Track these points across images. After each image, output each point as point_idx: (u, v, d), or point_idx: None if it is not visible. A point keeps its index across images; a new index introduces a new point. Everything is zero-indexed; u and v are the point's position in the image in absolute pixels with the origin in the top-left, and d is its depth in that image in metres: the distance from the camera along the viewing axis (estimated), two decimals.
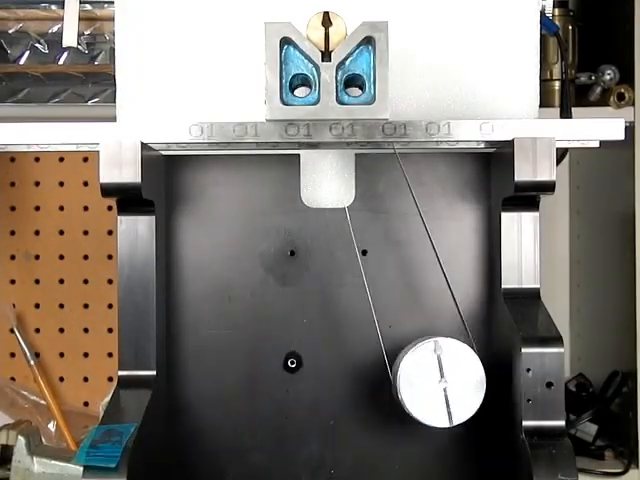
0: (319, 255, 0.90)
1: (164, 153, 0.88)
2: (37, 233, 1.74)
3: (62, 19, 1.36)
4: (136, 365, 0.84)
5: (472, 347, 0.79)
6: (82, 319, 1.74)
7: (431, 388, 0.78)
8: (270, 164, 0.89)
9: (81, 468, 0.74)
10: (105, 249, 1.72)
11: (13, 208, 1.74)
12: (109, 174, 0.79)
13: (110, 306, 1.73)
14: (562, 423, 0.78)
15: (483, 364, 0.79)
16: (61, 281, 1.74)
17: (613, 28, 1.56)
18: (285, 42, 0.80)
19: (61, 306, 1.74)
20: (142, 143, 0.80)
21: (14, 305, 1.73)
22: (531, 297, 0.85)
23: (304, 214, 0.90)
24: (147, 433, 0.79)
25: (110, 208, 1.67)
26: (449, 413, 0.78)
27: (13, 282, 1.74)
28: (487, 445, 0.88)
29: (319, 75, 0.80)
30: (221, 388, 0.90)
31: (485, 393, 0.79)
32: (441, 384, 0.78)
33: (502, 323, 0.86)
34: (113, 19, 0.90)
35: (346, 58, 0.81)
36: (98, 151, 0.80)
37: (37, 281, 1.74)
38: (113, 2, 0.90)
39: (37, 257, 1.74)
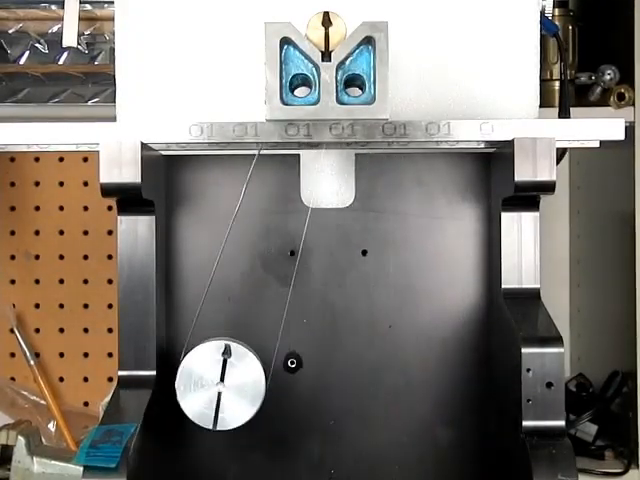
0: (319, 255, 0.90)
1: (164, 153, 0.88)
2: (37, 233, 1.74)
3: (62, 19, 1.36)
4: (136, 365, 0.84)
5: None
6: (82, 319, 1.74)
7: (207, 387, 0.78)
8: (270, 164, 0.89)
9: (81, 468, 0.74)
10: (105, 249, 1.72)
11: (13, 208, 1.74)
12: (109, 174, 0.79)
13: (110, 306, 1.73)
14: (562, 423, 0.78)
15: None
16: (61, 281, 1.74)
17: (613, 28, 1.56)
18: (285, 42, 0.80)
19: (61, 306, 1.74)
20: (142, 143, 0.80)
21: (14, 305, 1.73)
22: (531, 297, 0.85)
23: (304, 214, 0.90)
24: (147, 433, 0.79)
25: (110, 208, 1.67)
26: (216, 417, 0.78)
27: (13, 282, 1.74)
28: (487, 445, 0.88)
29: (319, 75, 0.80)
30: None
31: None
32: (218, 387, 0.78)
33: (502, 323, 0.86)
34: (113, 19, 0.90)
35: (346, 58, 0.81)
36: (98, 151, 0.80)
37: (37, 281, 1.74)
38: (113, 2, 0.90)
39: (37, 257, 1.74)
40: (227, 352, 0.78)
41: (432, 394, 0.90)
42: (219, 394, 0.78)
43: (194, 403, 0.78)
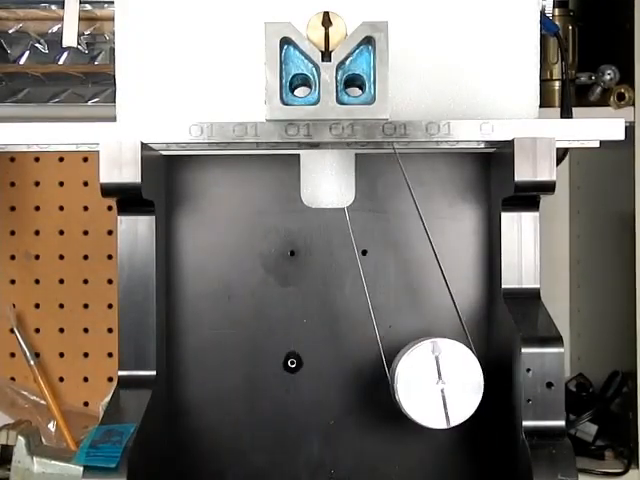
0: (319, 255, 0.90)
1: (164, 153, 0.88)
2: (37, 233, 1.74)
3: (62, 19, 1.36)
4: (136, 365, 0.84)
5: (470, 348, 0.79)
6: (82, 319, 1.74)
7: (429, 389, 0.78)
8: (270, 164, 0.89)
9: (81, 468, 0.74)
10: (105, 249, 1.72)
11: (13, 208, 1.74)
12: (109, 174, 0.79)
13: (110, 306, 1.73)
14: (562, 423, 0.78)
15: (483, 364, 0.79)
16: (61, 281, 1.74)
17: (613, 28, 1.56)
18: (285, 42, 0.80)
19: (61, 306, 1.74)
20: (142, 143, 0.80)
21: (14, 305, 1.73)
22: (531, 297, 0.85)
23: (304, 214, 0.90)
24: (147, 433, 0.79)
25: (110, 208, 1.67)
26: (446, 414, 0.78)
27: (13, 282, 1.74)
28: (487, 445, 0.88)
29: (319, 75, 0.80)
30: (221, 388, 0.90)
31: (485, 393, 0.79)
32: (439, 385, 0.78)
33: (502, 323, 0.86)
34: (113, 19, 0.90)
35: (346, 58, 0.81)
36: (98, 151, 0.80)
37: (37, 281, 1.74)
38: (113, 2, 0.90)
39: (37, 257, 1.74)
40: (436, 349, 0.78)
41: None
42: (442, 391, 0.78)
43: (421, 408, 0.78)
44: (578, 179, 1.79)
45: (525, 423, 0.78)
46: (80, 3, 1.37)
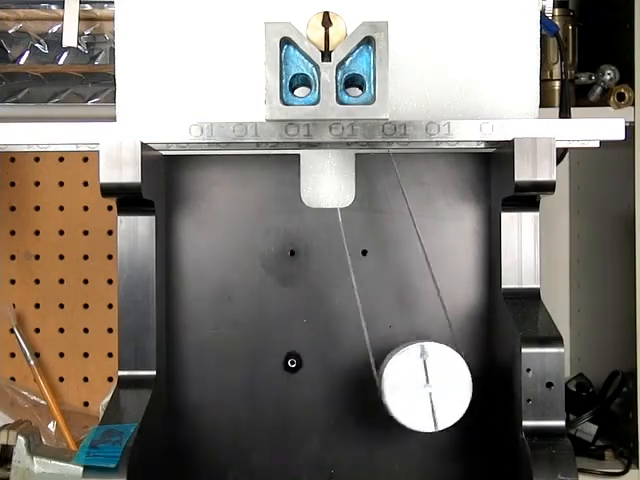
0: (319, 255, 0.90)
1: (164, 153, 0.88)
2: (37, 233, 1.74)
3: (62, 19, 1.36)
4: (136, 365, 0.84)
5: (459, 352, 0.78)
6: (82, 319, 1.74)
7: (416, 393, 0.77)
8: (270, 164, 0.89)
9: (81, 468, 0.74)
10: (105, 249, 1.72)
11: (13, 208, 1.74)
12: (109, 174, 0.79)
13: (110, 306, 1.73)
14: (562, 423, 0.78)
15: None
16: (61, 281, 1.74)
17: (613, 28, 1.56)
18: (285, 42, 0.80)
19: (61, 306, 1.74)
20: (142, 143, 0.80)
21: (14, 305, 1.73)
22: (531, 297, 0.85)
23: (304, 214, 0.90)
24: (147, 433, 0.79)
25: (110, 208, 1.67)
26: (434, 418, 0.77)
27: (13, 282, 1.74)
28: (487, 445, 0.88)
29: (319, 75, 0.80)
30: (221, 388, 0.90)
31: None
32: (426, 389, 0.77)
33: (502, 323, 0.86)
34: (113, 19, 0.90)
35: (346, 58, 0.81)
36: (98, 151, 0.80)
37: (37, 281, 1.74)
38: (113, 2, 0.90)
39: (37, 257, 1.74)
40: (424, 353, 0.77)
41: None
42: (430, 395, 0.77)
43: (409, 412, 0.77)
44: (578, 179, 1.79)
45: (525, 423, 0.78)
46: (80, 3, 1.37)
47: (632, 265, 1.49)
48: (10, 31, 1.45)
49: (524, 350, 0.78)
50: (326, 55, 0.80)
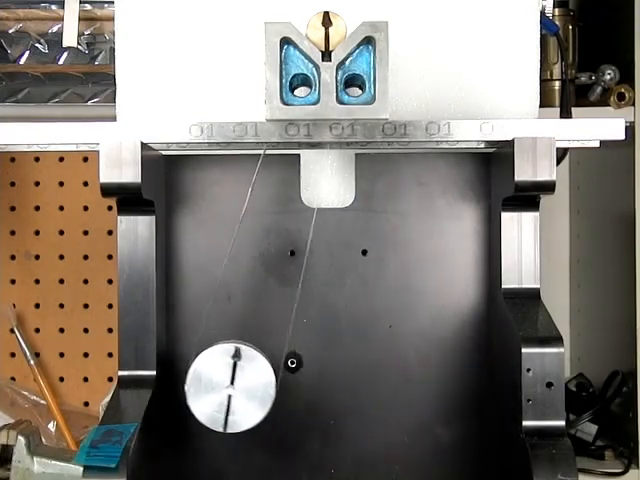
0: (319, 255, 0.90)
1: (164, 153, 0.88)
2: (37, 233, 1.74)
3: (62, 19, 1.36)
4: (136, 365, 0.84)
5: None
6: (82, 319, 1.74)
7: (217, 389, 0.77)
8: (270, 164, 0.89)
9: (81, 468, 0.74)
10: (105, 249, 1.72)
11: (13, 208, 1.74)
12: (109, 174, 0.79)
13: (110, 306, 1.72)
14: (562, 423, 0.78)
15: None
16: (61, 281, 1.74)
17: (613, 28, 1.56)
18: (285, 42, 0.80)
19: (61, 306, 1.74)
20: (142, 143, 0.80)
21: (14, 305, 1.73)
22: (531, 297, 0.85)
23: (304, 214, 0.90)
24: (147, 433, 0.79)
25: (110, 208, 1.67)
26: (226, 419, 0.77)
27: (13, 282, 1.74)
28: (487, 445, 0.88)
29: (319, 75, 0.80)
30: None
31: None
32: (228, 389, 0.77)
33: (502, 323, 0.86)
34: (113, 19, 0.90)
35: (346, 58, 0.81)
36: (98, 151, 0.80)
37: (37, 281, 1.74)
38: (113, 2, 0.90)
39: (37, 257, 1.74)
40: (237, 355, 0.77)
41: (432, 394, 0.90)
42: (229, 397, 0.77)
43: (205, 406, 0.77)
44: (578, 179, 1.79)
45: (525, 423, 0.78)
46: (80, 3, 1.37)
47: (632, 265, 1.49)
48: (10, 31, 1.45)
49: (524, 350, 0.78)
50: (326, 55, 0.80)
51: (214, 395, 0.77)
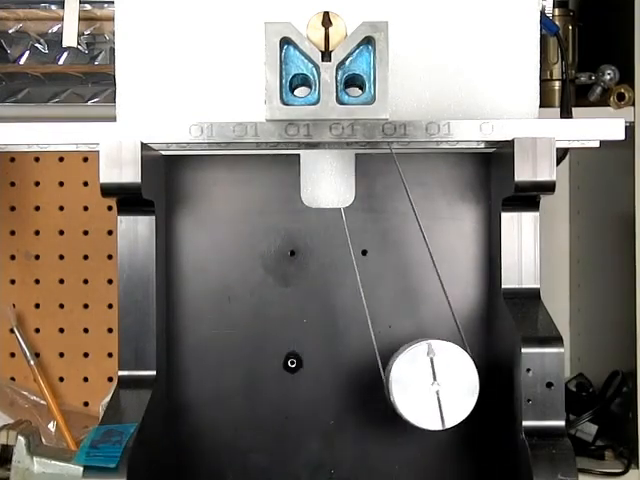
0: (319, 255, 0.90)
1: (164, 153, 0.88)
2: (37, 233, 1.74)
3: (62, 19, 1.37)
4: (136, 365, 0.84)
5: (466, 349, 0.78)
6: (82, 319, 1.74)
7: (424, 391, 0.77)
8: (270, 164, 0.89)
9: (81, 468, 0.74)
10: (105, 249, 1.72)
11: (13, 208, 1.74)
12: (109, 174, 0.79)
13: (110, 306, 1.73)
14: (562, 423, 0.78)
15: (482, 364, 0.79)
16: (61, 281, 1.74)
17: (613, 28, 1.56)
18: (285, 42, 0.80)
19: (61, 306, 1.74)
20: (142, 143, 0.80)
21: (14, 305, 1.73)
22: (531, 297, 0.85)
23: (304, 214, 0.90)
24: (147, 433, 0.79)
25: (110, 208, 1.67)
26: (442, 416, 0.77)
27: (13, 282, 1.74)
28: (487, 445, 0.88)
29: (319, 75, 0.80)
30: (221, 388, 0.90)
31: (485, 393, 0.79)
32: (434, 387, 0.77)
33: (502, 323, 0.86)
34: (113, 19, 0.90)
35: (346, 58, 0.81)
36: (98, 151, 0.80)
37: (37, 281, 1.74)
38: (113, 2, 0.90)
39: (37, 257, 1.74)
40: (431, 351, 0.77)
41: None
42: (437, 393, 0.77)
43: (416, 410, 0.77)
44: (578, 179, 1.79)
45: (525, 423, 0.78)
46: (80, 3, 1.37)
47: (632, 265, 1.49)
48: (10, 31, 1.45)
49: (524, 350, 0.78)
50: (326, 55, 0.80)
51: (423, 397, 0.77)
